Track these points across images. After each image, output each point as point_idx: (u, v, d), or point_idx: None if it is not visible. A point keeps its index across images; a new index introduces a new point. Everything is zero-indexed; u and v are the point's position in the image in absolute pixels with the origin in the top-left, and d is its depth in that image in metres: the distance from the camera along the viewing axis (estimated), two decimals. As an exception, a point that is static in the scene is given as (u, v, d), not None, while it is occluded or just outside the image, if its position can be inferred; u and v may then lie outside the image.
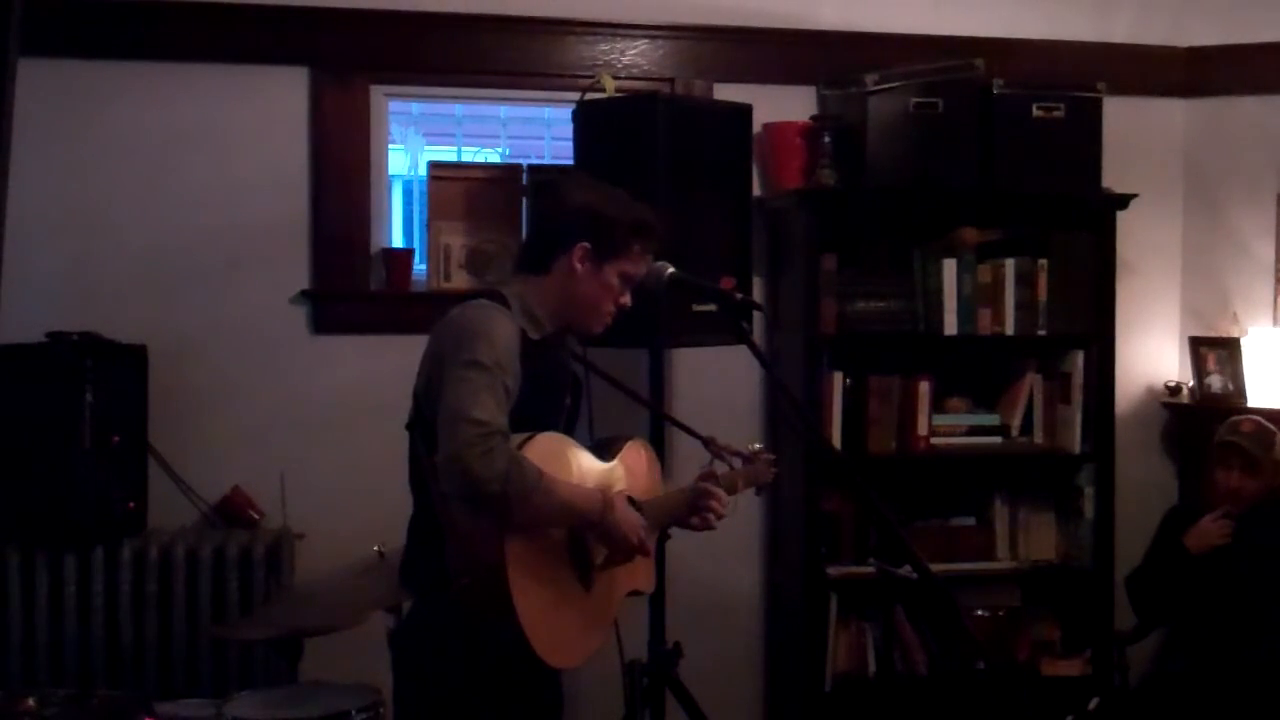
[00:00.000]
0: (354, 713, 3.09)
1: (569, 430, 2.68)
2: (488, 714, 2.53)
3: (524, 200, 4.28)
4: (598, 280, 2.61)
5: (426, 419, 2.43)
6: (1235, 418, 4.10)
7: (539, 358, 2.53)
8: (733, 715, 4.35)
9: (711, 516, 2.80)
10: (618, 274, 2.63)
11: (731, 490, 2.91)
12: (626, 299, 2.68)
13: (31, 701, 3.05)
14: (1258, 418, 4.08)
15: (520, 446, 2.38)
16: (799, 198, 4.17)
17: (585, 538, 2.53)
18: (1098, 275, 4.29)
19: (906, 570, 3.09)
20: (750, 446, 3.07)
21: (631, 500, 2.64)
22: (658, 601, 3.72)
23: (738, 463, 3.01)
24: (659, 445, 3.33)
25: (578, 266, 2.60)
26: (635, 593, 2.80)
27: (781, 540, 4.40)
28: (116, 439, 3.82)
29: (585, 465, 2.60)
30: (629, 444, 2.78)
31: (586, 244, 2.59)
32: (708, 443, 2.96)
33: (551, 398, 2.61)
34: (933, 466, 4.35)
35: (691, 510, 2.80)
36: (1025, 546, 4.39)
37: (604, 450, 2.72)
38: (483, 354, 2.38)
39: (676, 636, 3.66)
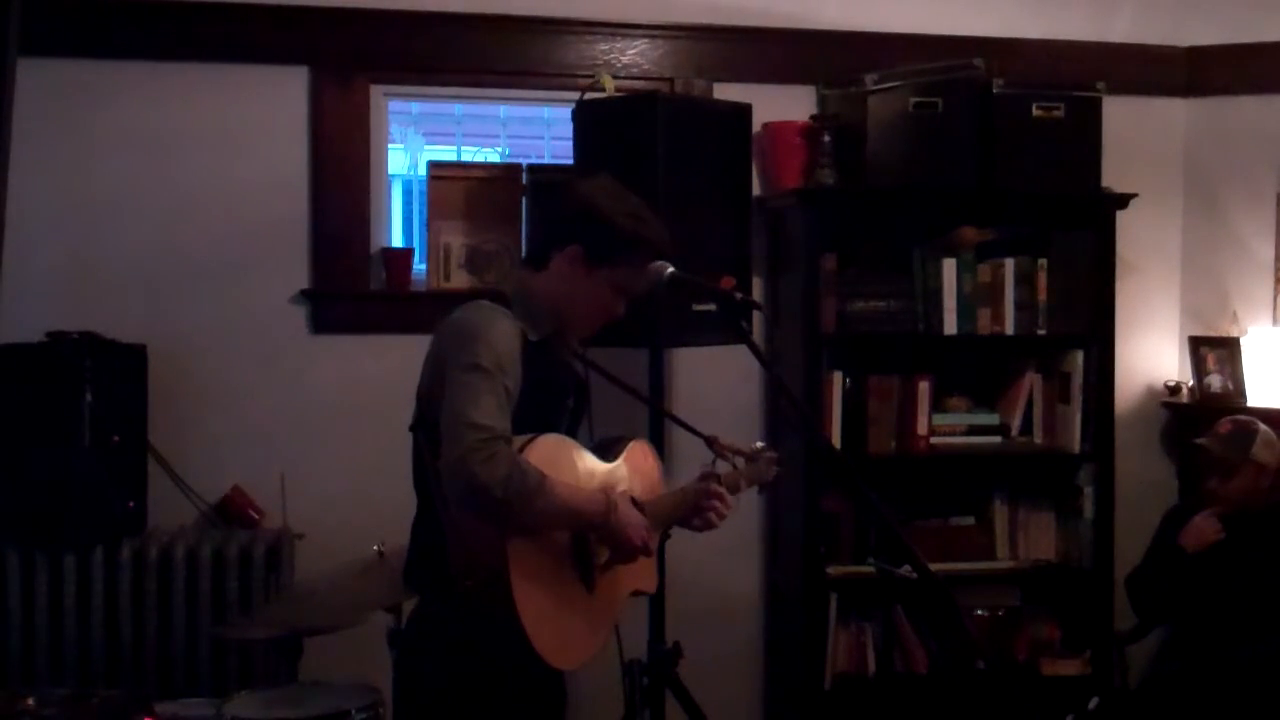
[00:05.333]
0: (354, 713, 3.09)
1: (572, 431, 2.67)
2: (491, 715, 2.52)
3: (524, 200, 4.28)
4: (587, 285, 2.56)
5: (430, 421, 2.43)
6: (1223, 419, 4.09)
7: (540, 359, 2.52)
8: (733, 715, 4.36)
9: (713, 517, 2.79)
10: (609, 283, 2.57)
11: (734, 489, 2.89)
12: (620, 309, 2.63)
13: (31, 701, 3.06)
14: (1243, 418, 4.07)
15: (522, 449, 2.37)
16: (799, 197, 4.17)
17: (588, 539, 2.52)
18: (1097, 275, 4.29)
19: (906, 570, 3.08)
20: (753, 445, 3.06)
21: (634, 501, 2.63)
22: (658, 601, 3.72)
23: (740, 461, 2.99)
24: (660, 445, 3.33)
25: (568, 268, 2.56)
26: (638, 593, 2.80)
27: (781, 540, 4.40)
28: (116, 439, 3.82)
29: (588, 466, 2.59)
30: (631, 444, 2.77)
31: (580, 246, 2.55)
32: (710, 442, 2.94)
33: (553, 399, 2.60)
34: (932, 466, 4.35)
35: (694, 510, 2.79)
36: (1025, 546, 4.39)
37: (606, 451, 2.71)
38: (483, 357, 2.37)
39: (676, 636, 3.66)
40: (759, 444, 3.08)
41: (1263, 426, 4.03)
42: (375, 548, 3.35)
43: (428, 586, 2.56)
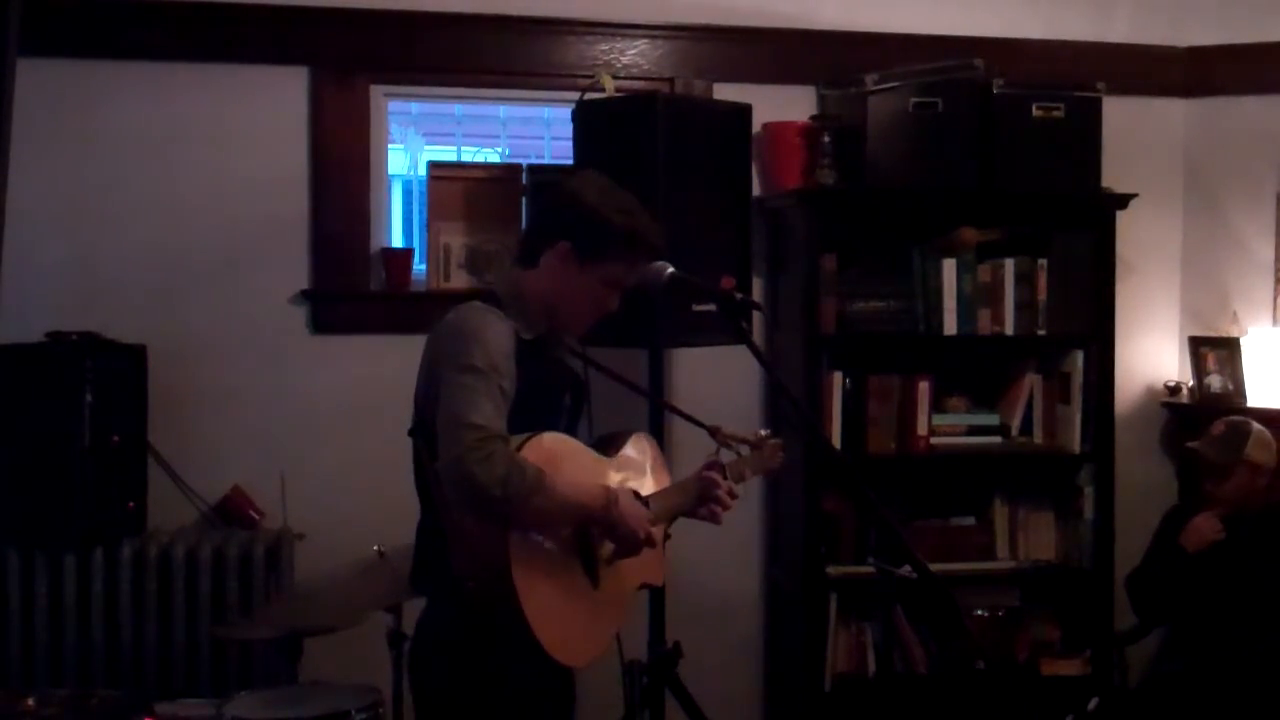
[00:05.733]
0: (354, 713, 3.09)
1: (572, 428, 2.67)
2: (501, 716, 2.52)
3: (523, 200, 4.28)
4: (578, 281, 2.56)
5: (428, 425, 2.43)
6: (1216, 421, 4.09)
7: (535, 357, 2.52)
8: (733, 715, 4.36)
9: (719, 509, 2.79)
10: (600, 278, 2.57)
11: (739, 479, 2.89)
12: (613, 304, 2.63)
13: (31, 701, 3.06)
14: (1236, 418, 4.08)
15: (520, 447, 2.37)
16: (799, 197, 4.17)
17: (591, 534, 2.53)
18: (1097, 275, 4.29)
19: (906, 570, 3.08)
20: (757, 433, 3.05)
21: (635, 494, 2.63)
22: (658, 601, 3.72)
23: (744, 450, 2.99)
24: (661, 440, 3.32)
25: (558, 264, 2.56)
26: (646, 585, 2.79)
27: (781, 540, 4.40)
28: (116, 439, 3.82)
29: (587, 462, 2.59)
30: (631, 438, 2.77)
31: (569, 243, 2.55)
32: (713, 432, 2.94)
33: (550, 397, 2.60)
34: (932, 466, 4.34)
35: (699, 501, 2.79)
36: (1025, 546, 4.39)
37: (606, 446, 2.71)
38: (477, 358, 2.38)
39: (676, 636, 3.66)
40: (763, 431, 3.07)
41: (1256, 426, 4.03)
42: (375, 548, 3.35)
43: (433, 589, 2.57)
